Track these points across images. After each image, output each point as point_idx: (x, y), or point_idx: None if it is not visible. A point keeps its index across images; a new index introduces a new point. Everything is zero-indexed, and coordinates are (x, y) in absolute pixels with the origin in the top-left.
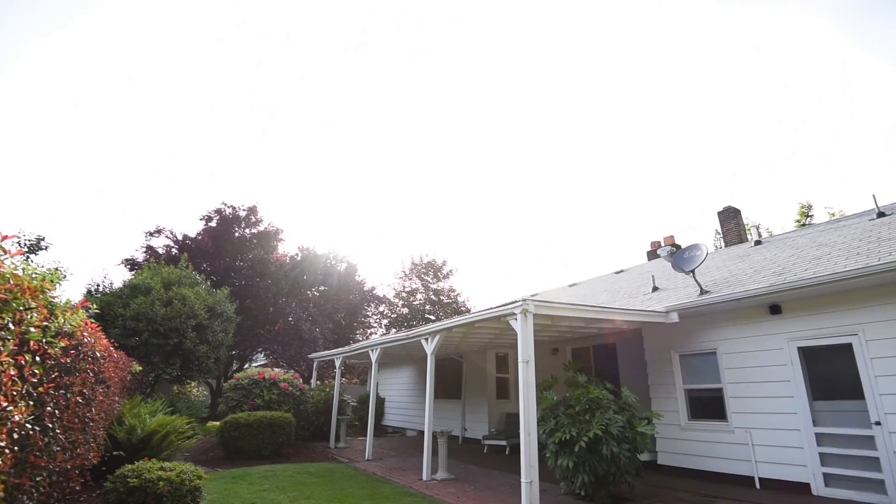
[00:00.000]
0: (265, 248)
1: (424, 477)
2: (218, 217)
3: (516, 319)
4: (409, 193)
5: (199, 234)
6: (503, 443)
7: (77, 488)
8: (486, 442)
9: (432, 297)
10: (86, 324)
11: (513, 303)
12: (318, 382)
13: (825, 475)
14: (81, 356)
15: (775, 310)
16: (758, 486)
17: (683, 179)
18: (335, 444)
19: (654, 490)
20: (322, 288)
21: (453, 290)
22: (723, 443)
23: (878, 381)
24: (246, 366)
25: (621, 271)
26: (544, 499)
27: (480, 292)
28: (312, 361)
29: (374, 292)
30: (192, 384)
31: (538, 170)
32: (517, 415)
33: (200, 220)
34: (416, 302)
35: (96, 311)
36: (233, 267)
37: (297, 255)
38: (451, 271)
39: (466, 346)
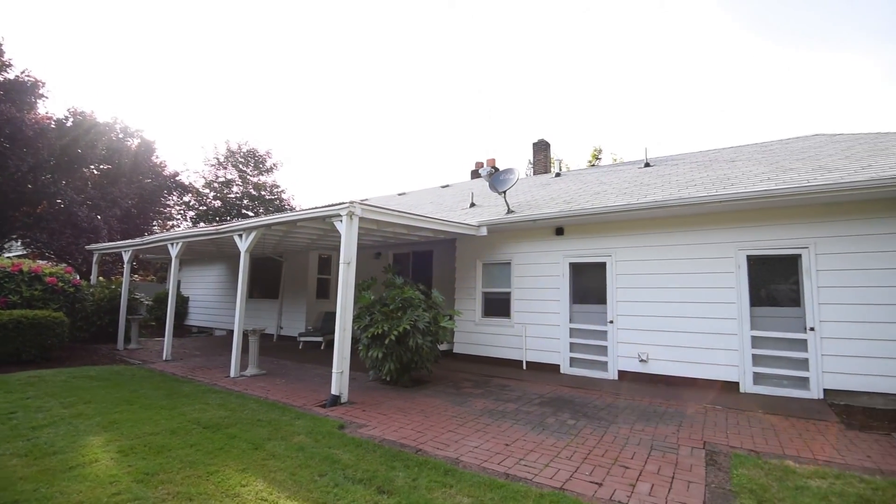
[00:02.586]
0: (16, 104)
1: (232, 374)
2: None
3: (342, 221)
4: (228, 69)
5: None
6: (319, 339)
7: None
8: (302, 339)
9: (252, 191)
10: None
11: (339, 204)
12: (102, 279)
13: (571, 359)
14: None
15: (559, 231)
16: (524, 367)
17: (516, 108)
18: (125, 345)
19: (447, 373)
20: (105, 167)
21: (277, 186)
22: (505, 335)
23: (617, 291)
24: None
25: (447, 186)
26: (353, 385)
27: (308, 192)
28: (92, 254)
29: (177, 178)
30: None
31: (382, 82)
32: (335, 313)
33: None
34: (232, 195)
35: None
36: None
37: (66, 119)
38: (275, 164)
39: (287, 245)
